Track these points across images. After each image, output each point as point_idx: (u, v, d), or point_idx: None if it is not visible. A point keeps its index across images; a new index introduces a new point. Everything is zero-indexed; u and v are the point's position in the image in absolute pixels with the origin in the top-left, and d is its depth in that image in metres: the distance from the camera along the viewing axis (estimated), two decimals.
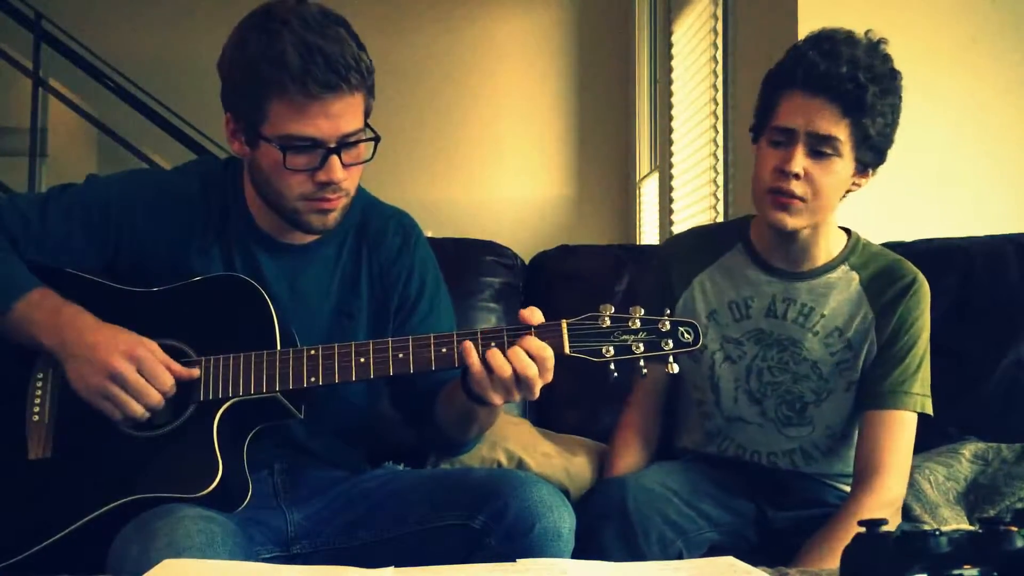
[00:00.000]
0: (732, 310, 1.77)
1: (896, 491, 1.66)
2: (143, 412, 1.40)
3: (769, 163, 1.63)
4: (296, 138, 1.42)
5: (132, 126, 5.17)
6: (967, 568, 0.87)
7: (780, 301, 1.74)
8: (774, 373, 1.74)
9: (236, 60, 1.43)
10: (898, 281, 1.72)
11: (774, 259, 1.76)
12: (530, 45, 6.10)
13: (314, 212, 1.48)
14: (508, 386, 1.37)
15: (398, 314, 1.62)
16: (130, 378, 1.38)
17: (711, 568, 1.13)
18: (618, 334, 1.39)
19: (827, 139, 1.59)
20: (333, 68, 1.38)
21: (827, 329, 1.72)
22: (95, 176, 1.64)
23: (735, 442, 1.77)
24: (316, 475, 1.58)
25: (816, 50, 1.60)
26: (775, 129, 1.63)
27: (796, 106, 1.60)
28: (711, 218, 3.73)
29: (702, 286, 1.80)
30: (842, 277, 1.74)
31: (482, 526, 1.39)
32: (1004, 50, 2.72)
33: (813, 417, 1.73)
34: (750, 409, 1.75)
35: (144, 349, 1.40)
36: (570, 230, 5.87)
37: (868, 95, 1.57)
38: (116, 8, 5.91)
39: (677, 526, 1.61)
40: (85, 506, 1.39)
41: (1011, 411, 2.14)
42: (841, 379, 1.72)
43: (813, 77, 1.58)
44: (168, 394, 1.41)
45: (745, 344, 1.75)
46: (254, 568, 1.24)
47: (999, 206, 2.68)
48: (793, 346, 1.73)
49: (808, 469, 1.75)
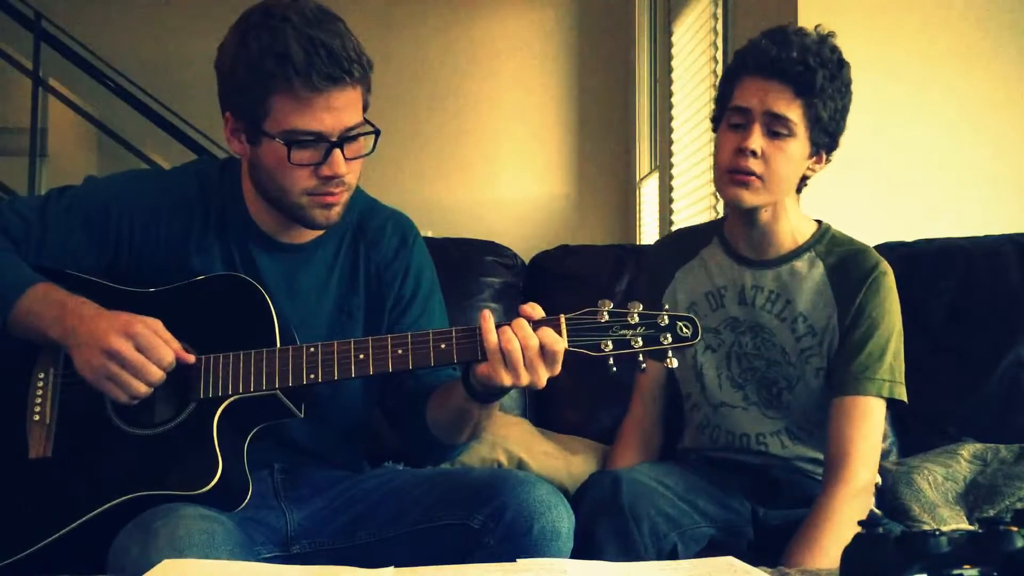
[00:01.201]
0: (709, 300, 1.83)
1: (865, 477, 1.67)
2: (145, 389, 1.40)
3: (728, 144, 1.70)
4: (300, 132, 1.42)
5: (132, 126, 5.17)
6: (967, 568, 0.87)
7: (750, 288, 1.80)
8: (750, 359, 1.79)
9: (238, 57, 1.43)
10: (859, 269, 1.75)
11: (742, 248, 1.82)
12: (530, 45, 6.10)
13: (318, 207, 1.49)
14: (516, 363, 1.36)
15: (391, 313, 1.63)
16: (127, 355, 1.38)
17: (711, 568, 1.13)
18: (616, 328, 1.39)
19: (782, 119, 1.66)
20: (336, 61, 1.39)
21: (792, 316, 1.76)
22: (93, 177, 1.64)
23: (723, 428, 1.80)
24: (316, 475, 1.58)
25: (768, 39, 1.70)
26: (733, 110, 1.71)
27: (751, 89, 1.69)
28: (711, 218, 3.73)
29: (682, 281, 1.87)
30: (807, 264, 1.78)
31: (481, 526, 1.39)
32: (1004, 50, 2.72)
33: (789, 402, 1.77)
34: (734, 394, 1.80)
35: (142, 326, 1.40)
36: (570, 230, 5.87)
37: (817, 77, 1.65)
38: (116, 8, 5.91)
39: (671, 519, 1.61)
40: (86, 504, 1.39)
41: (1011, 411, 2.15)
42: (808, 366, 1.75)
43: (765, 62, 1.67)
44: (168, 369, 1.41)
45: (722, 332, 1.81)
46: (254, 568, 1.24)
47: (999, 206, 2.68)
48: (763, 332, 1.78)
49: (797, 451, 1.77)
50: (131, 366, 1.38)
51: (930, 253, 2.18)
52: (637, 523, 1.56)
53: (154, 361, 1.39)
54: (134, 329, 1.39)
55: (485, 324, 1.39)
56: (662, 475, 1.71)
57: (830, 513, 1.61)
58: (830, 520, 1.60)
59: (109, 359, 1.38)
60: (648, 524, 1.57)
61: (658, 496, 1.62)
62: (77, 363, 1.41)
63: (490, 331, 1.38)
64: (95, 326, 1.40)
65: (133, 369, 1.38)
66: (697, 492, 1.70)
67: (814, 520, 1.62)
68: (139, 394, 1.40)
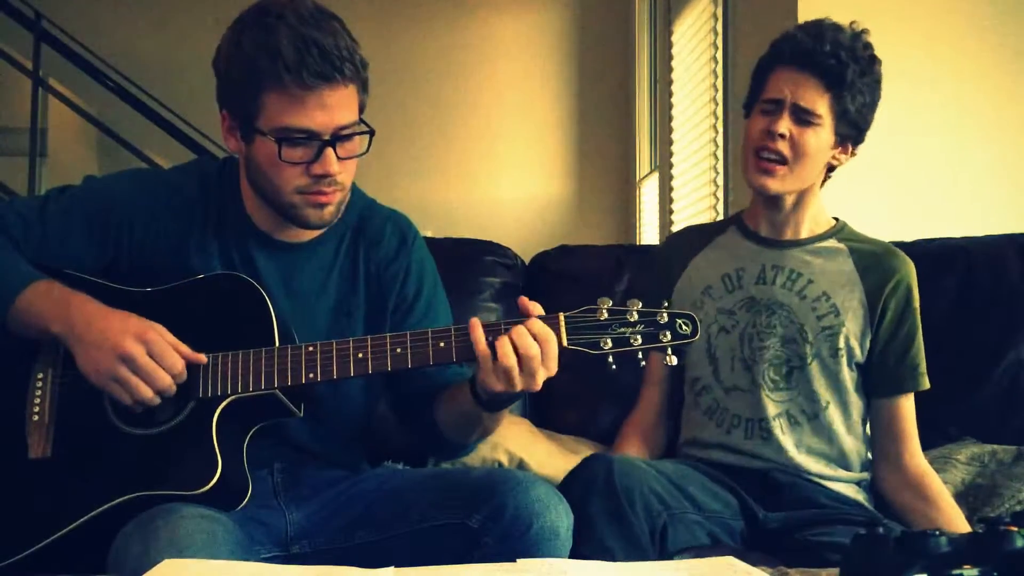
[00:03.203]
0: (725, 282, 1.87)
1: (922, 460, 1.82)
2: (152, 396, 1.40)
3: (757, 126, 1.78)
4: (292, 130, 1.42)
5: (132, 126, 5.16)
6: (967, 568, 0.87)
7: (770, 268, 1.84)
8: (763, 338, 1.81)
9: (232, 55, 1.44)
10: (893, 268, 1.83)
11: (763, 230, 1.87)
12: (530, 45, 6.10)
13: (310, 206, 1.48)
14: (511, 372, 1.36)
15: (395, 314, 1.62)
16: (140, 360, 1.38)
17: (711, 568, 1.13)
18: (616, 327, 1.39)
19: (810, 112, 1.74)
20: (328, 59, 1.39)
21: (815, 294, 1.81)
22: (93, 177, 1.64)
23: (732, 412, 1.82)
24: (316, 475, 1.58)
25: (804, 32, 1.77)
26: (764, 100, 1.78)
27: (783, 79, 1.76)
28: (711, 218, 3.72)
29: (697, 266, 1.91)
30: (831, 247, 1.85)
31: (480, 525, 1.38)
32: (1005, 50, 2.72)
33: (799, 382, 1.80)
34: (744, 377, 1.82)
35: (154, 332, 1.40)
36: (570, 230, 5.87)
37: (848, 72, 1.72)
38: (116, 8, 5.91)
39: (663, 499, 1.62)
40: (85, 505, 1.39)
41: (1011, 411, 2.15)
42: (826, 344, 1.79)
43: (799, 53, 1.75)
44: (179, 378, 1.41)
45: (737, 313, 1.84)
46: (254, 568, 1.24)
47: (999, 206, 2.68)
48: (781, 309, 1.82)
49: (792, 436, 1.79)
50: (143, 372, 1.38)
51: (930, 253, 2.18)
52: (630, 502, 1.57)
53: (166, 368, 1.39)
54: (148, 335, 1.39)
55: (475, 334, 1.38)
56: (654, 463, 1.73)
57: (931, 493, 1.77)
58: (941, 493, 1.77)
59: (121, 363, 1.38)
60: (641, 502, 1.58)
61: (650, 477, 1.63)
62: (81, 361, 1.41)
63: (480, 340, 1.38)
64: (107, 325, 1.40)
65: (145, 375, 1.38)
66: (688, 480, 1.71)
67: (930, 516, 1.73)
68: (146, 400, 1.40)
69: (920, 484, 1.78)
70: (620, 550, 1.53)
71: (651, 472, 1.65)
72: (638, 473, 1.62)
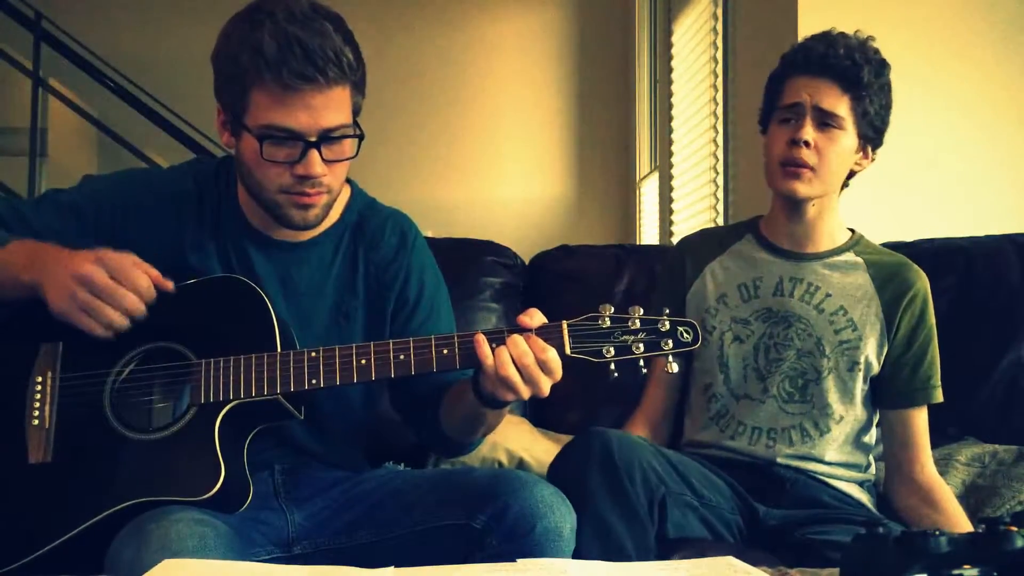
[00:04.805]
0: (741, 291, 1.86)
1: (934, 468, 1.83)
2: (120, 319, 1.38)
3: (780, 138, 1.77)
4: (274, 128, 1.41)
5: (132, 126, 5.16)
6: (967, 568, 0.87)
7: (788, 280, 1.83)
8: (779, 350, 1.81)
9: (220, 49, 1.45)
10: (909, 281, 1.82)
11: (782, 242, 1.86)
12: (530, 45, 6.10)
13: (294, 206, 1.48)
14: (513, 382, 1.36)
15: (397, 316, 1.62)
16: (99, 280, 1.36)
17: (711, 568, 1.13)
18: (618, 334, 1.39)
19: (831, 114, 1.73)
20: (310, 59, 1.38)
21: (833, 307, 1.81)
22: (90, 177, 1.64)
23: (738, 420, 1.81)
24: (317, 475, 1.58)
25: (813, 40, 1.78)
26: (783, 108, 1.77)
27: (800, 85, 1.75)
28: (711, 218, 3.73)
29: (712, 272, 1.90)
30: (849, 261, 1.84)
31: (483, 526, 1.38)
32: (1004, 50, 2.72)
33: (814, 395, 1.79)
34: (756, 386, 1.81)
35: (113, 253, 1.38)
36: (570, 230, 5.87)
37: (864, 73, 1.73)
38: (116, 8, 5.91)
39: (660, 476, 1.62)
40: (86, 510, 1.38)
41: (1011, 411, 2.15)
42: (844, 358, 1.79)
43: (813, 59, 1.75)
44: (146, 296, 1.39)
45: (752, 323, 1.83)
46: (254, 568, 1.24)
47: (999, 206, 2.68)
48: (798, 322, 1.81)
49: (802, 450, 1.78)
50: (105, 293, 1.36)
51: (930, 253, 2.19)
52: (630, 475, 1.57)
53: (129, 287, 1.38)
54: (106, 256, 1.38)
55: (481, 350, 1.38)
56: (654, 444, 1.73)
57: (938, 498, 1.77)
58: (948, 499, 1.78)
59: (80, 285, 1.36)
60: (640, 475, 1.58)
61: (649, 454, 1.63)
62: (50, 300, 1.39)
63: (487, 356, 1.37)
64: (67, 257, 1.39)
65: (108, 296, 1.36)
66: (687, 468, 1.71)
67: (936, 518, 1.74)
68: (115, 324, 1.37)
69: (929, 492, 1.78)
70: (619, 524, 1.54)
71: (651, 449, 1.65)
72: (638, 448, 1.61)
